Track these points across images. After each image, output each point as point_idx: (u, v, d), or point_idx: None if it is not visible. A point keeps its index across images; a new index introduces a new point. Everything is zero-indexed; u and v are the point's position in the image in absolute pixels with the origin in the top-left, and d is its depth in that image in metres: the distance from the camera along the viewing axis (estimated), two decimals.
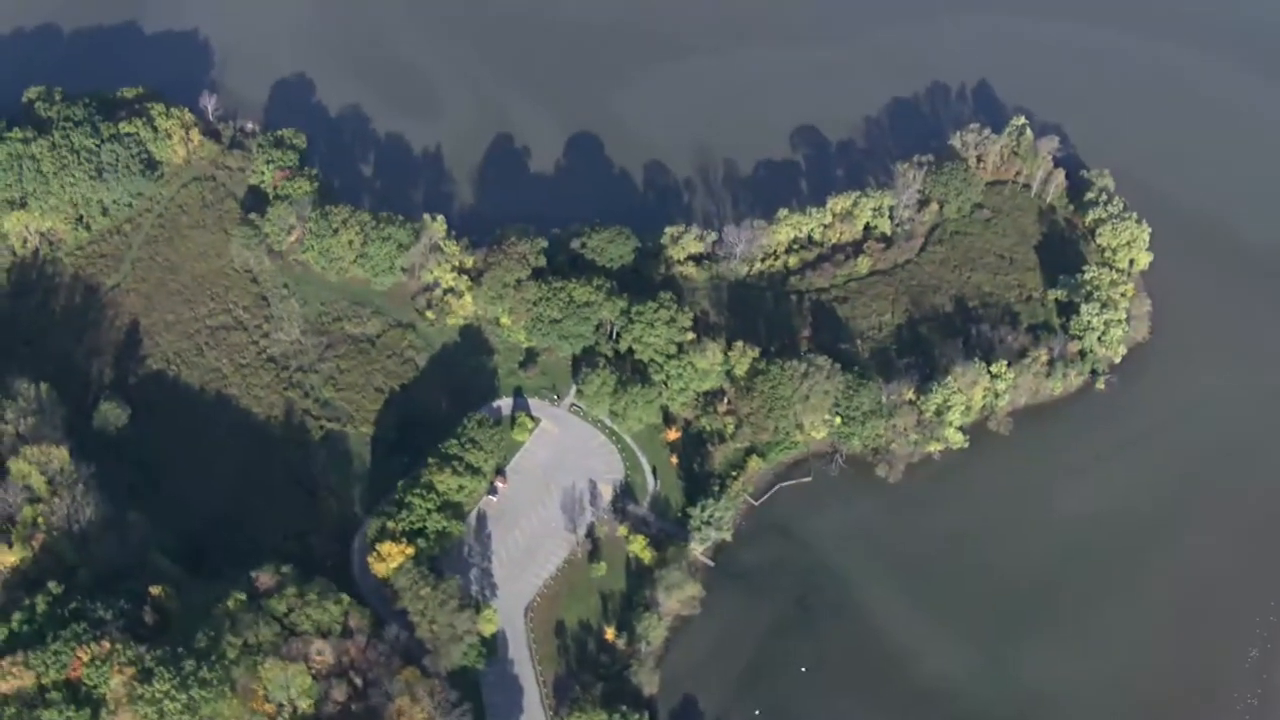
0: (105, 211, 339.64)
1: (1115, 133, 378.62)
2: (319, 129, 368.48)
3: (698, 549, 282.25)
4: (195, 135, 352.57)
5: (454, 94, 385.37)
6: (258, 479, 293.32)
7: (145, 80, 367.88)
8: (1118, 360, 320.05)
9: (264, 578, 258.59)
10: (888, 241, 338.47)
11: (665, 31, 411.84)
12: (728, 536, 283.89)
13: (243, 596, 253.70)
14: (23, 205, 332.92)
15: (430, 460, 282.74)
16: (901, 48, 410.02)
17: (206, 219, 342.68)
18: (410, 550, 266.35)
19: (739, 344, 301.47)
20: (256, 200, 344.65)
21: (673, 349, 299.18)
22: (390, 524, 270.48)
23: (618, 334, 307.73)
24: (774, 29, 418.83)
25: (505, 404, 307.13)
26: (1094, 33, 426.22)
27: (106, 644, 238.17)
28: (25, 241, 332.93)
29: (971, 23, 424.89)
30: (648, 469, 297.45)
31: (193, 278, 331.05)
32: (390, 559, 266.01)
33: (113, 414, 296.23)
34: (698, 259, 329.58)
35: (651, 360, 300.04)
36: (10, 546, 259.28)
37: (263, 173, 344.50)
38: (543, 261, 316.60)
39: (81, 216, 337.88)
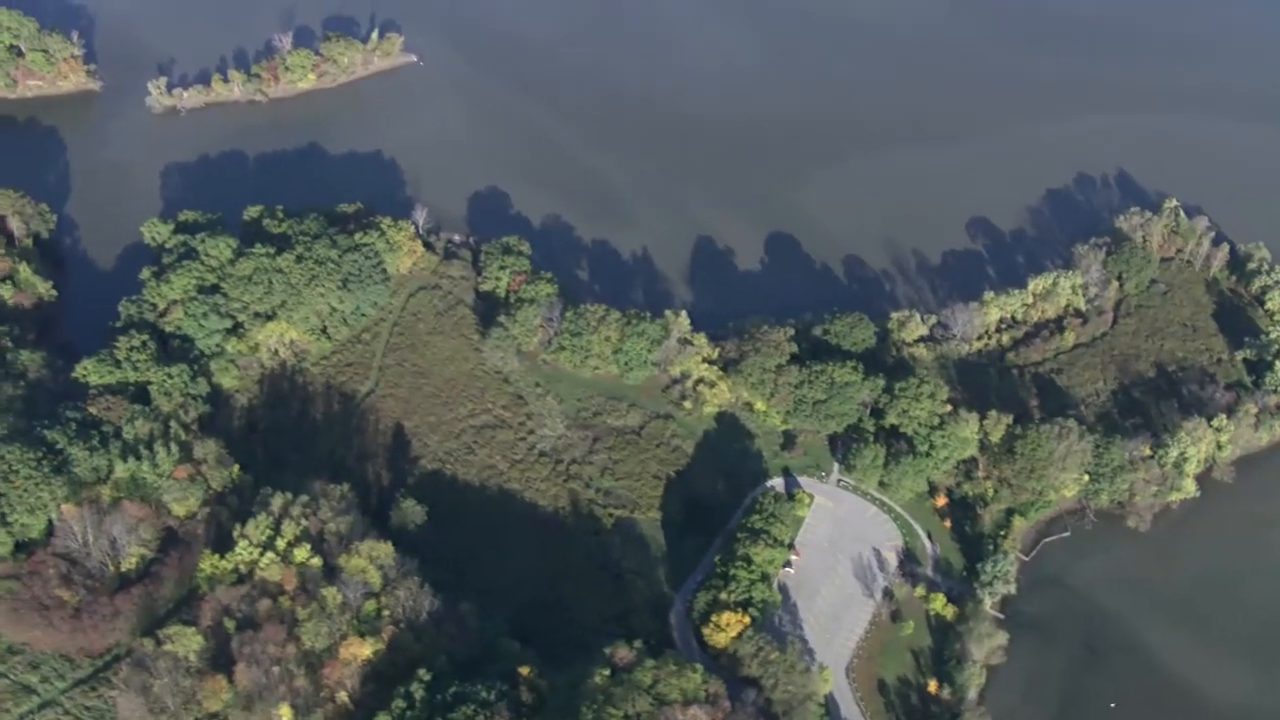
0: (345, 321, 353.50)
1: (1248, 208, 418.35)
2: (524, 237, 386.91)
3: (988, 603, 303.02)
4: (418, 246, 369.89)
5: (645, 198, 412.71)
6: (560, 566, 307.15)
7: (338, 198, 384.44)
8: None
9: (621, 653, 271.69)
10: (1083, 317, 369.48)
11: (827, 136, 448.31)
12: (1012, 590, 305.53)
13: (607, 672, 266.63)
14: (269, 318, 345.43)
15: (739, 535, 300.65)
16: (1043, 142, 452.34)
17: (444, 325, 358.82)
18: (747, 619, 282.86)
19: (993, 413, 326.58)
20: (488, 305, 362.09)
21: (935, 421, 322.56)
22: (723, 595, 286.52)
23: (878, 410, 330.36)
24: (925, 129, 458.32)
25: (777, 483, 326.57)
26: (1205, 122, 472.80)
27: None
28: (275, 353, 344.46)
29: (1096, 120, 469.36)
30: (923, 534, 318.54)
31: (444, 381, 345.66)
32: (729, 628, 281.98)
33: (412, 511, 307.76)
34: (923, 340, 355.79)
35: (915, 432, 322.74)
36: (362, 639, 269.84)
37: (497, 278, 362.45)
38: (794, 348, 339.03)
39: (325, 327, 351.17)
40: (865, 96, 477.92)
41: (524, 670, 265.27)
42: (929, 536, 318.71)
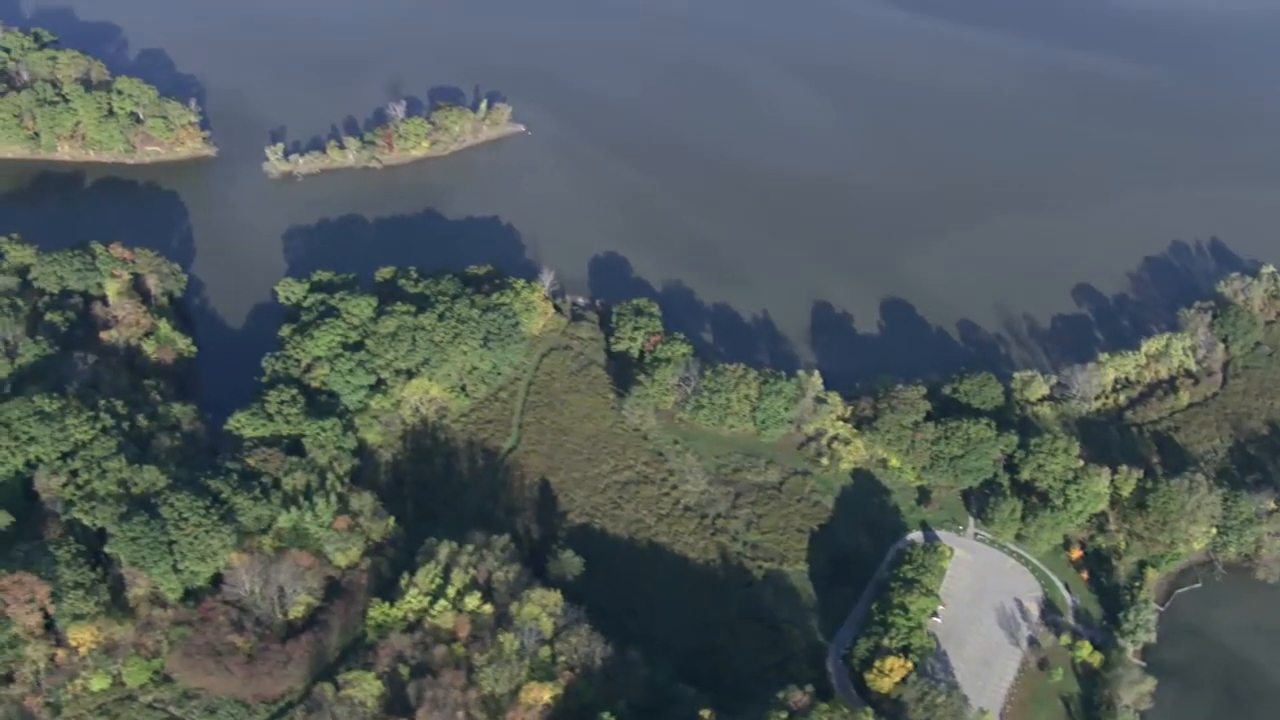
0: (483, 379, 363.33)
1: None
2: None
3: (1129, 651, 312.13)
4: (549, 307, 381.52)
5: (758, 262, 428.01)
6: (715, 616, 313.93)
7: (456, 262, 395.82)
8: None
9: (795, 697, 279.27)
10: (1194, 378, 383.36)
11: (927, 203, 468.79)
12: (1153, 638, 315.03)
13: (784, 715, 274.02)
14: (410, 375, 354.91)
15: (892, 584, 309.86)
16: (1138, 211, 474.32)
17: (579, 384, 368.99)
18: (909, 664, 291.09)
19: (1123, 468, 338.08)
20: (619, 365, 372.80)
21: (1069, 475, 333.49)
22: (885, 641, 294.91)
23: (1011, 466, 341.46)
24: (1024, 198, 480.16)
25: (916, 537, 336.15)
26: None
27: None
28: (417, 409, 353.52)
29: (1189, 190, 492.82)
30: (1060, 585, 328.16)
31: (585, 438, 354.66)
32: (893, 673, 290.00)
33: (570, 563, 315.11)
34: (1045, 399, 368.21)
35: (1050, 487, 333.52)
36: (541, 683, 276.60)
37: (631, 339, 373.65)
38: (929, 406, 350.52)
39: (464, 385, 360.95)
40: (963, 165, 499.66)
41: (705, 714, 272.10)
42: (1066, 587, 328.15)
